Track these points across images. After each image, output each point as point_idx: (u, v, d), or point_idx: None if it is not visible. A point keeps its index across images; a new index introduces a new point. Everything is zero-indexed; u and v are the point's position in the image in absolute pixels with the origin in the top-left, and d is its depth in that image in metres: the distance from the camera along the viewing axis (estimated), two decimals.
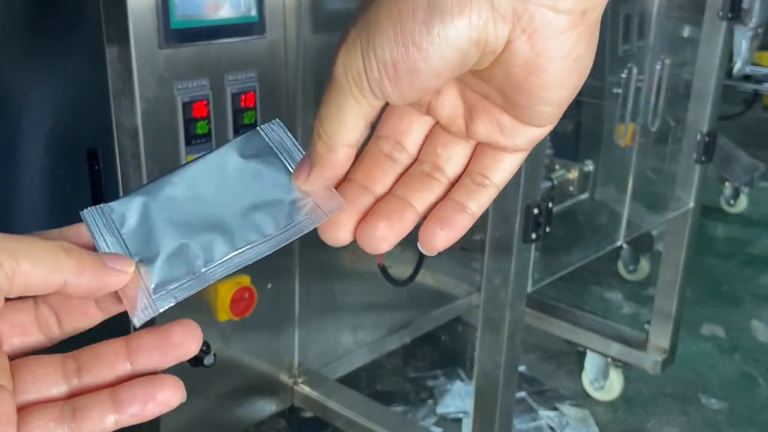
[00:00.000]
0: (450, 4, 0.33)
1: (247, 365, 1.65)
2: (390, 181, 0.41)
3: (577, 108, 1.83)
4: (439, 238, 0.39)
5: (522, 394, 2.10)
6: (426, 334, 2.19)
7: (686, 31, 1.81)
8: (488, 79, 0.37)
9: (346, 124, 0.37)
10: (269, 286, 1.61)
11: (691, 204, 1.89)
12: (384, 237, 0.39)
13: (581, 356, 2.15)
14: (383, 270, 1.82)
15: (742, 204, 3.38)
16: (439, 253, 0.39)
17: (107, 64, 1.27)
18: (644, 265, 2.68)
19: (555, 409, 2.07)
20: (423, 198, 0.40)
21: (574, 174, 1.66)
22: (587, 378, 2.12)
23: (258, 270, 1.61)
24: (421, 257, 1.87)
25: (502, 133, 0.39)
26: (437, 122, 0.41)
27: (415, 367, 2.19)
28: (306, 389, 1.77)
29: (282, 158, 0.41)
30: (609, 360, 2.07)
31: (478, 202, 0.40)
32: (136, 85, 1.25)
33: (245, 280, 1.48)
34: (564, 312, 2.20)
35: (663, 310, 2.02)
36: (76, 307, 0.39)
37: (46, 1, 1.38)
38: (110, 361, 0.38)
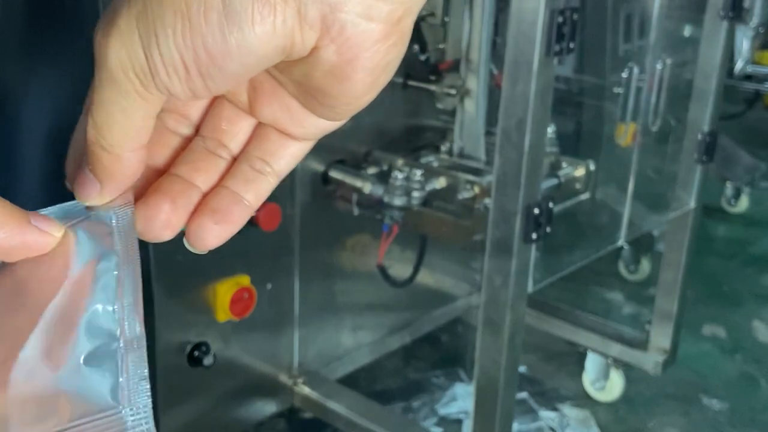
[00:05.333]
0: (250, 9, 0.28)
1: (246, 366, 1.65)
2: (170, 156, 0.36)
3: (577, 107, 1.82)
4: (213, 234, 0.34)
5: (522, 394, 2.09)
6: (426, 334, 2.18)
7: (687, 31, 1.81)
8: (284, 71, 0.33)
9: (135, 127, 0.32)
10: (269, 286, 1.60)
11: (692, 204, 1.89)
12: (168, 222, 0.34)
13: (582, 357, 2.14)
14: (383, 270, 1.82)
15: (743, 204, 3.38)
16: (439, 253, 0.38)
17: None
18: (645, 266, 2.68)
19: (555, 409, 2.07)
20: (208, 179, 0.35)
21: (580, 171, 1.65)
22: (588, 378, 2.11)
23: (258, 270, 1.60)
24: (421, 257, 1.86)
25: (291, 119, 0.34)
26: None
27: (415, 368, 2.19)
28: (306, 390, 1.76)
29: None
30: (610, 360, 2.07)
31: (256, 193, 0.35)
32: None
33: (245, 280, 1.48)
34: (565, 312, 2.19)
35: (664, 310, 2.01)
36: None
37: (45, 1, 1.38)
38: None
